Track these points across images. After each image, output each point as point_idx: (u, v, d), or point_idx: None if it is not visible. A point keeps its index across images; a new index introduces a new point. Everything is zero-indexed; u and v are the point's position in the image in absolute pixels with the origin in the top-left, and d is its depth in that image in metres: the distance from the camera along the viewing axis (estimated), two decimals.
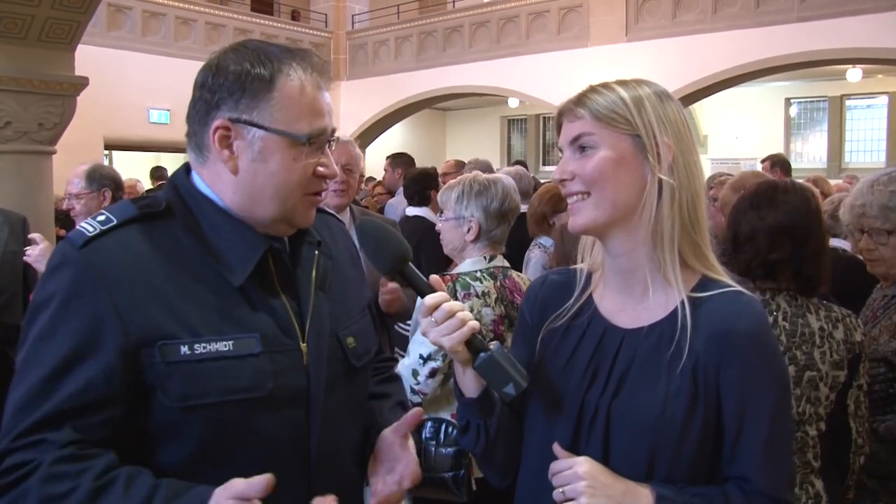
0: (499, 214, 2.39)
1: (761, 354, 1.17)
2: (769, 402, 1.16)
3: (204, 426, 1.12)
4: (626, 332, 1.23)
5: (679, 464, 1.15)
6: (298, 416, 1.21)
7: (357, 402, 1.37)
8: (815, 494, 1.83)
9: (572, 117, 1.23)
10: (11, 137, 4.71)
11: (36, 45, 4.72)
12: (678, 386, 1.15)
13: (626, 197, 1.19)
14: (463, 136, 18.61)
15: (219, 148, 1.18)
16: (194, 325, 1.13)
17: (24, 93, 4.70)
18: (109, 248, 1.13)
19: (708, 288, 1.21)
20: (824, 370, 1.83)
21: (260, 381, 1.15)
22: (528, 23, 12.62)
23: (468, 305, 2.24)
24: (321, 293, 1.29)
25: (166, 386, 1.10)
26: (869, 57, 9.94)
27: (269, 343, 1.18)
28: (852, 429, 1.90)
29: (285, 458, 1.18)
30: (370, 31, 14.90)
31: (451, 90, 13.67)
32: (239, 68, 1.17)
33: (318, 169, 1.22)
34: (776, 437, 1.16)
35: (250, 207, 1.20)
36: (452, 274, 2.35)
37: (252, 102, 1.17)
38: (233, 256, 1.18)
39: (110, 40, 11.29)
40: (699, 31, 10.80)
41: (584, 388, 1.22)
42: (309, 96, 1.19)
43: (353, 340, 1.33)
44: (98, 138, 11.01)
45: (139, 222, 1.17)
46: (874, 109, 15.39)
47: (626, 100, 1.20)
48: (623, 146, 1.19)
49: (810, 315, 1.86)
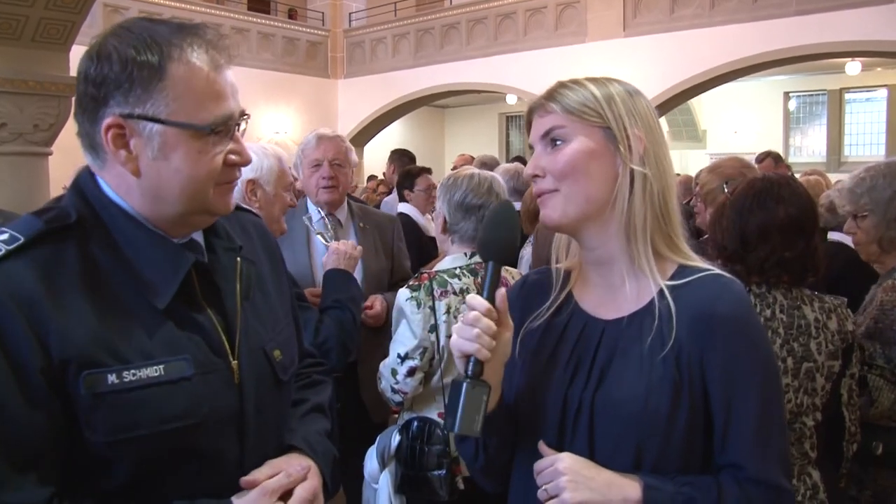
0: (461, 207, 2.33)
1: (744, 336, 1.14)
2: (757, 385, 1.13)
3: (134, 457, 1.03)
4: (607, 324, 1.22)
5: (668, 454, 1.13)
6: (232, 436, 1.14)
7: (284, 417, 1.29)
8: (812, 485, 1.83)
9: (543, 112, 1.22)
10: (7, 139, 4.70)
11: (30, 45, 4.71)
12: (661, 375, 1.13)
13: (598, 190, 1.18)
14: (461, 133, 18.60)
15: (114, 149, 1.05)
16: (120, 351, 1.02)
17: (18, 94, 4.69)
18: (17, 270, 1.00)
19: (685, 275, 1.19)
20: (821, 361, 1.84)
21: (193, 407, 1.07)
22: (526, 19, 12.60)
23: (445, 303, 2.22)
24: (247, 304, 1.20)
25: (92, 420, 1.00)
26: (868, 50, 9.92)
27: (200, 364, 1.09)
28: (845, 417, 1.91)
29: (224, 475, 1.12)
30: (367, 28, 14.88)
31: (448, 87, 13.66)
32: (124, 56, 1.03)
33: (230, 157, 1.10)
34: (766, 421, 1.13)
35: (158, 208, 1.09)
36: (430, 271, 2.32)
37: (143, 94, 1.03)
38: (154, 276, 1.07)
39: None
40: (697, 26, 10.78)
41: (567, 382, 1.21)
42: (206, 79, 1.06)
43: (280, 353, 1.24)
44: None
45: (49, 240, 1.04)
46: (873, 102, 15.38)
47: (596, 94, 1.19)
48: (595, 138, 1.18)
49: (805, 307, 1.87)
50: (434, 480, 2.17)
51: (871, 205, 2.23)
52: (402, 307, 2.25)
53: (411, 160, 5.80)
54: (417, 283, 2.26)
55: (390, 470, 2.28)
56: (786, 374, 1.82)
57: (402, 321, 2.27)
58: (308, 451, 1.24)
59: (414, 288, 2.25)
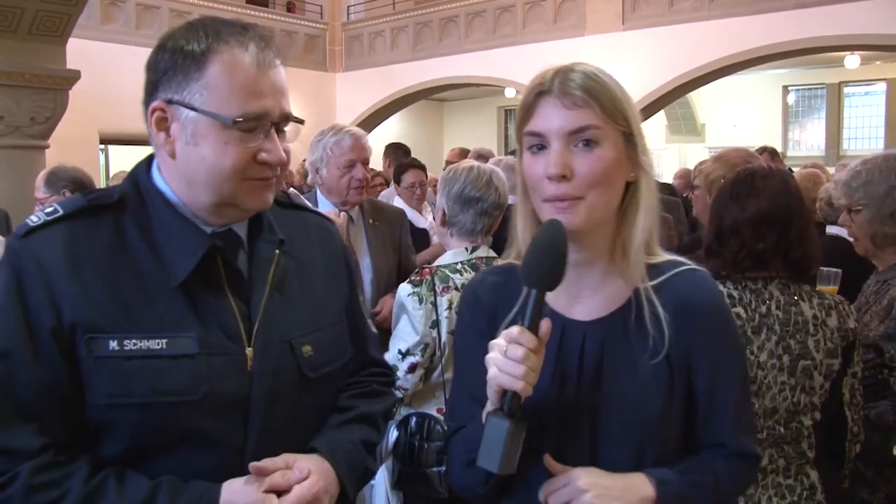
0: (459, 200, 2.32)
1: (724, 324, 1.21)
2: (736, 367, 1.21)
3: (133, 425, 1.09)
4: (587, 326, 1.18)
5: (665, 446, 1.17)
6: (237, 422, 1.15)
7: (308, 415, 1.27)
8: (809, 486, 1.82)
9: (571, 104, 1.09)
10: (3, 132, 4.69)
11: (27, 38, 4.69)
12: (655, 374, 1.14)
13: (616, 197, 1.15)
14: (460, 126, 18.56)
15: (156, 130, 1.14)
16: (126, 321, 1.09)
17: (15, 87, 4.67)
18: (49, 239, 1.11)
19: (660, 272, 1.19)
20: (819, 359, 1.80)
21: (193, 385, 1.10)
22: (525, 12, 12.56)
23: (447, 299, 2.21)
24: (277, 295, 1.22)
25: (92, 382, 1.08)
26: (867, 43, 9.90)
27: (208, 345, 1.12)
28: (848, 417, 1.88)
29: (223, 460, 1.13)
30: (366, 22, 14.83)
31: (447, 81, 13.62)
32: (175, 46, 1.11)
33: (260, 155, 1.12)
34: (744, 400, 1.23)
35: (192, 194, 1.15)
36: (432, 266, 2.31)
37: (183, 81, 1.10)
38: (174, 255, 1.13)
39: (104, 34, 11.22)
40: (696, 20, 10.75)
41: (557, 388, 1.16)
42: (244, 76, 1.10)
43: (311, 349, 1.23)
44: (93, 133, 10.96)
45: (86, 215, 1.14)
46: (872, 96, 15.37)
47: (618, 93, 1.12)
48: (620, 145, 1.12)
49: (803, 303, 1.83)
50: (433, 477, 2.16)
51: (866, 199, 2.19)
52: (403, 302, 2.24)
53: (406, 153, 5.78)
54: (419, 278, 2.25)
55: (387, 466, 2.27)
56: (781, 372, 1.79)
57: (402, 316, 2.26)
58: (327, 456, 1.22)
59: (416, 283, 2.24)
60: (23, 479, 1.02)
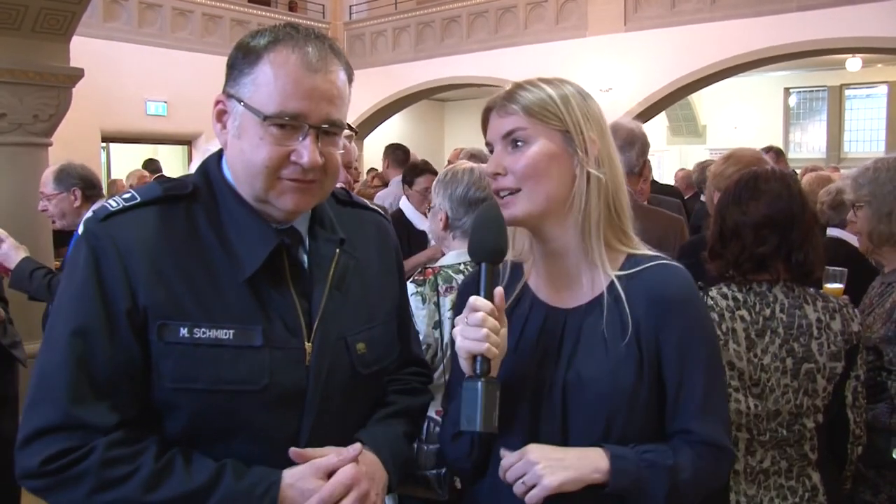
0: (465, 202, 2.31)
1: (693, 316, 1.27)
2: (704, 357, 1.26)
3: (194, 410, 1.13)
4: (568, 312, 1.30)
5: (632, 425, 1.23)
6: (293, 415, 1.19)
7: (358, 410, 1.32)
8: (811, 487, 1.82)
9: (504, 112, 1.27)
10: (6, 129, 4.68)
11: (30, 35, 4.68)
12: (625, 355, 1.23)
13: (557, 190, 1.26)
14: (461, 126, 18.55)
15: (215, 120, 1.19)
16: (197, 310, 1.13)
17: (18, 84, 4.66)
18: (127, 223, 1.14)
19: (635, 263, 1.29)
20: (822, 362, 1.81)
21: (255, 376, 1.14)
22: (527, 13, 12.56)
23: (450, 299, 2.21)
24: (336, 293, 1.25)
25: (161, 365, 1.12)
26: (869, 46, 9.91)
27: (272, 338, 1.16)
28: (850, 420, 1.89)
29: (277, 453, 1.16)
30: (368, 21, 14.83)
31: (449, 81, 13.63)
32: (243, 42, 1.17)
33: (293, 156, 1.15)
34: (712, 389, 1.26)
35: (240, 186, 1.20)
36: (434, 267, 2.30)
37: (239, 76, 1.16)
38: (243, 250, 1.17)
39: (106, 31, 11.22)
40: (698, 21, 10.76)
41: (535, 366, 1.28)
42: (290, 76, 1.13)
43: (364, 346, 1.28)
44: (95, 131, 10.96)
45: (162, 203, 1.18)
46: (873, 99, 15.38)
47: (554, 97, 1.26)
48: (554, 141, 1.26)
49: (807, 306, 1.84)
50: (432, 479, 2.16)
51: (869, 196, 2.23)
52: None
53: (405, 154, 5.77)
54: (422, 278, 2.25)
55: None
56: (785, 375, 1.80)
57: None
58: (372, 447, 1.26)
59: (419, 283, 2.23)
60: (98, 454, 1.06)
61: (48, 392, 1.08)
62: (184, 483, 1.08)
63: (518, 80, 1.30)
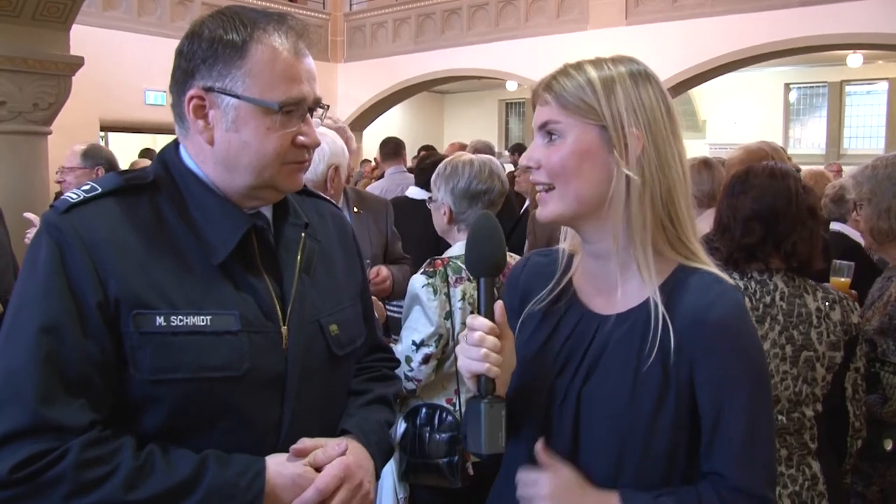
0: (466, 195, 2.32)
1: (736, 346, 1.11)
2: (744, 396, 1.10)
3: (176, 400, 1.10)
4: (602, 319, 1.19)
5: (650, 456, 1.11)
6: (274, 400, 1.18)
7: (336, 393, 1.32)
8: (811, 476, 1.84)
9: (542, 101, 1.18)
10: (6, 117, 4.68)
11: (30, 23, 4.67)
12: (648, 374, 1.11)
13: (590, 191, 1.14)
14: (461, 119, 18.54)
15: (194, 118, 1.16)
16: (172, 298, 1.10)
17: (18, 72, 4.66)
18: (90, 215, 1.11)
19: (683, 276, 1.16)
20: (821, 350, 1.84)
21: (235, 361, 1.13)
22: (527, 5, 12.53)
23: (460, 290, 2.22)
24: (305, 276, 1.26)
25: (137, 357, 1.08)
26: (869, 42, 9.89)
27: (248, 323, 1.15)
28: (850, 412, 1.92)
29: (259, 436, 1.16)
30: (368, 12, 14.78)
31: (449, 73, 13.59)
32: (212, 35, 1.14)
33: (299, 138, 1.17)
34: (753, 432, 1.10)
35: (229, 178, 1.18)
36: (444, 258, 2.31)
37: (224, 70, 1.13)
38: (214, 235, 1.16)
39: (106, 20, 11.18)
40: (700, 15, 10.73)
41: (555, 373, 1.20)
42: (284, 63, 1.15)
43: (337, 328, 1.29)
44: (94, 119, 10.93)
45: (124, 194, 1.16)
46: (874, 95, 15.35)
47: (595, 85, 1.14)
48: (589, 137, 1.13)
49: (807, 295, 1.88)
50: (443, 467, 2.16)
51: (869, 194, 2.26)
52: (417, 293, 2.24)
53: (395, 146, 5.74)
54: (433, 269, 2.25)
55: (394, 458, 2.26)
56: (784, 362, 1.83)
57: (415, 307, 2.25)
58: (360, 436, 1.27)
59: (430, 274, 2.23)
60: (73, 455, 1.02)
61: (14, 394, 1.02)
62: (166, 478, 1.05)
63: (571, 62, 1.19)
